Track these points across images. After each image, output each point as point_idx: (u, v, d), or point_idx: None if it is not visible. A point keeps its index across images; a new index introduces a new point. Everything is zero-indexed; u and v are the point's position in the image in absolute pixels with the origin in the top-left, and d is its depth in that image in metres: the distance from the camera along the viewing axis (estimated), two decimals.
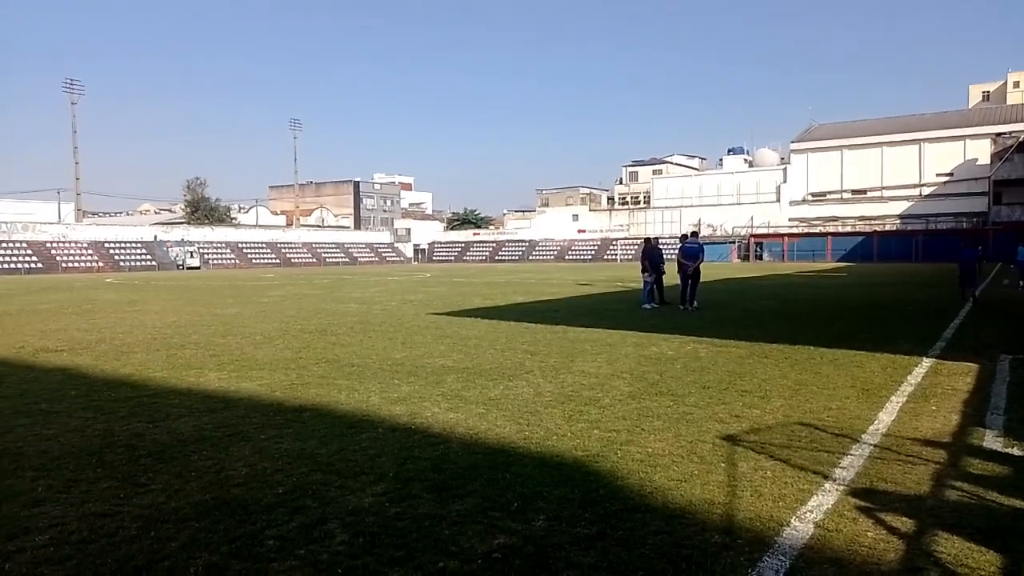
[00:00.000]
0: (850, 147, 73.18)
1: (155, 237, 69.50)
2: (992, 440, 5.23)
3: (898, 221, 67.44)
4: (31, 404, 6.70)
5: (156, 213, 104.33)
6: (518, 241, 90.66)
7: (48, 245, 60.43)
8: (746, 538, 3.53)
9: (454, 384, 7.46)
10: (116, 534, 3.66)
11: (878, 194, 71.13)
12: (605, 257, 79.25)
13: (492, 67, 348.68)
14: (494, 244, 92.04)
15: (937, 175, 68.18)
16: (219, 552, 3.43)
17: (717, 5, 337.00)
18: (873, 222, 67.93)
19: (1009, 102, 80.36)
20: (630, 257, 69.73)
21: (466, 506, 3.98)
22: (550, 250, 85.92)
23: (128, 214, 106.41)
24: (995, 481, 4.36)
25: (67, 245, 62.15)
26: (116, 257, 63.63)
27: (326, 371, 8.34)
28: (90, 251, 62.81)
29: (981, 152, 63.87)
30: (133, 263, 63.79)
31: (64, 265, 58.77)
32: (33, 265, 56.97)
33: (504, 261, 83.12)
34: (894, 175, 70.32)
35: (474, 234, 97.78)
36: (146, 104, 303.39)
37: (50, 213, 69.31)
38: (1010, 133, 60.84)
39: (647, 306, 16.41)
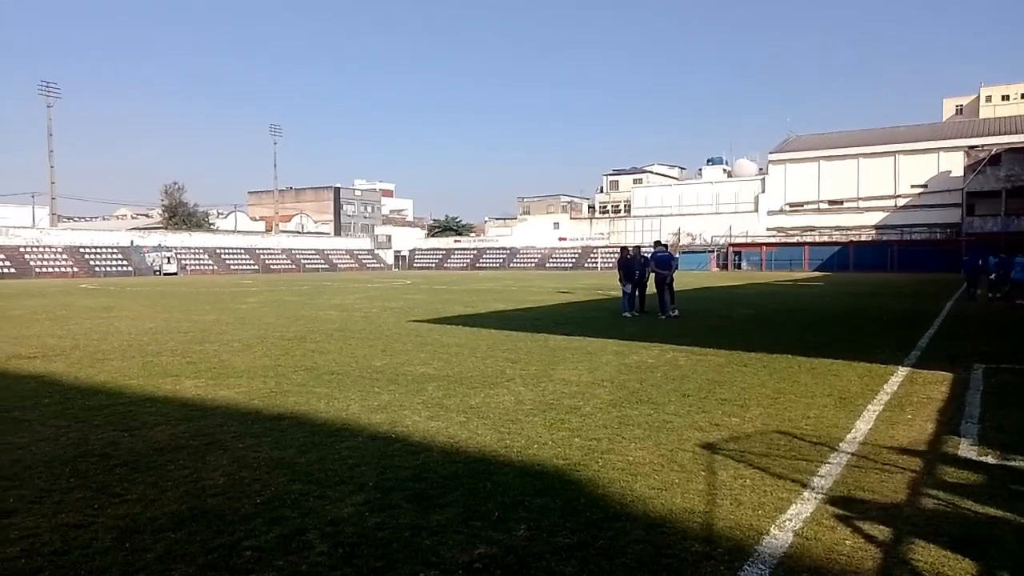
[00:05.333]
0: (827, 158, 74.08)
1: (132, 242, 68.40)
2: (967, 449, 5.31)
3: (873, 231, 68.34)
4: (2, 412, 6.57)
5: (133, 218, 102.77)
6: (499, 249, 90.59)
7: (22, 250, 59.22)
8: (726, 547, 3.55)
9: (435, 392, 7.43)
10: (90, 545, 3.59)
11: (854, 205, 72.05)
12: (586, 265, 79.42)
13: (475, 74, 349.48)
14: (475, 251, 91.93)
15: (912, 187, 69.19)
16: (196, 563, 3.38)
17: (698, 16, 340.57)
18: (849, 232, 68.76)
19: (982, 116, 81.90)
20: (610, 265, 69.89)
21: (447, 516, 3.96)
22: (531, 258, 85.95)
23: (104, 219, 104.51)
24: (970, 489, 4.42)
25: (41, 250, 61.03)
26: (92, 262, 62.60)
27: (305, 379, 8.27)
28: (65, 256, 61.76)
29: (955, 164, 64.88)
30: (109, 268, 62.77)
31: (38, 270, 57.66)
32: (6, 270, 55.71)
33: (485, 268, 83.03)
34: (870, 186, 71.30)
35: (455, 241, 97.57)
36: (123, 108, 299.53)
37: (24, 217, 68.07)
38: (982, 146, 61.86)
39: (627, 314, 16.53)
